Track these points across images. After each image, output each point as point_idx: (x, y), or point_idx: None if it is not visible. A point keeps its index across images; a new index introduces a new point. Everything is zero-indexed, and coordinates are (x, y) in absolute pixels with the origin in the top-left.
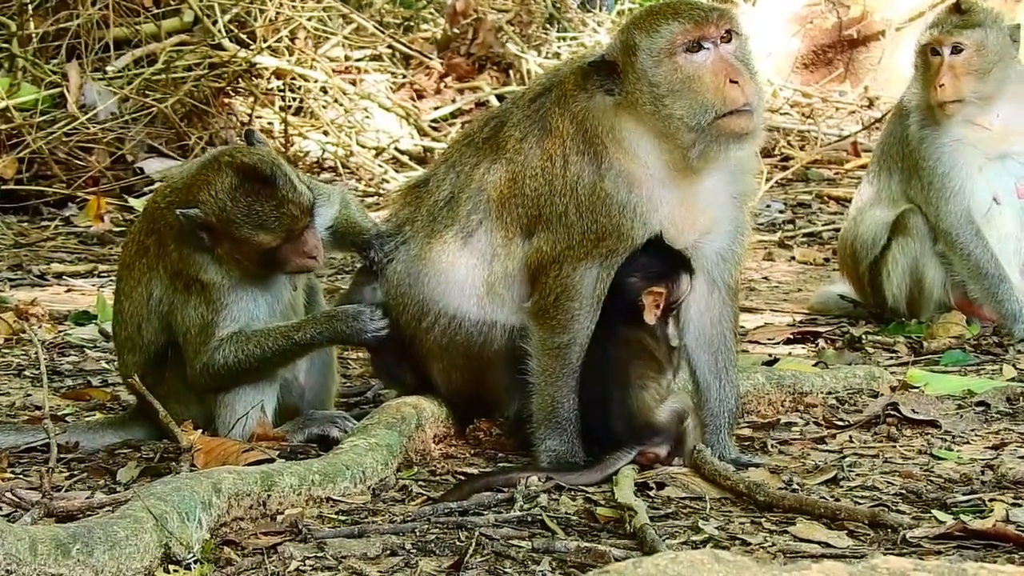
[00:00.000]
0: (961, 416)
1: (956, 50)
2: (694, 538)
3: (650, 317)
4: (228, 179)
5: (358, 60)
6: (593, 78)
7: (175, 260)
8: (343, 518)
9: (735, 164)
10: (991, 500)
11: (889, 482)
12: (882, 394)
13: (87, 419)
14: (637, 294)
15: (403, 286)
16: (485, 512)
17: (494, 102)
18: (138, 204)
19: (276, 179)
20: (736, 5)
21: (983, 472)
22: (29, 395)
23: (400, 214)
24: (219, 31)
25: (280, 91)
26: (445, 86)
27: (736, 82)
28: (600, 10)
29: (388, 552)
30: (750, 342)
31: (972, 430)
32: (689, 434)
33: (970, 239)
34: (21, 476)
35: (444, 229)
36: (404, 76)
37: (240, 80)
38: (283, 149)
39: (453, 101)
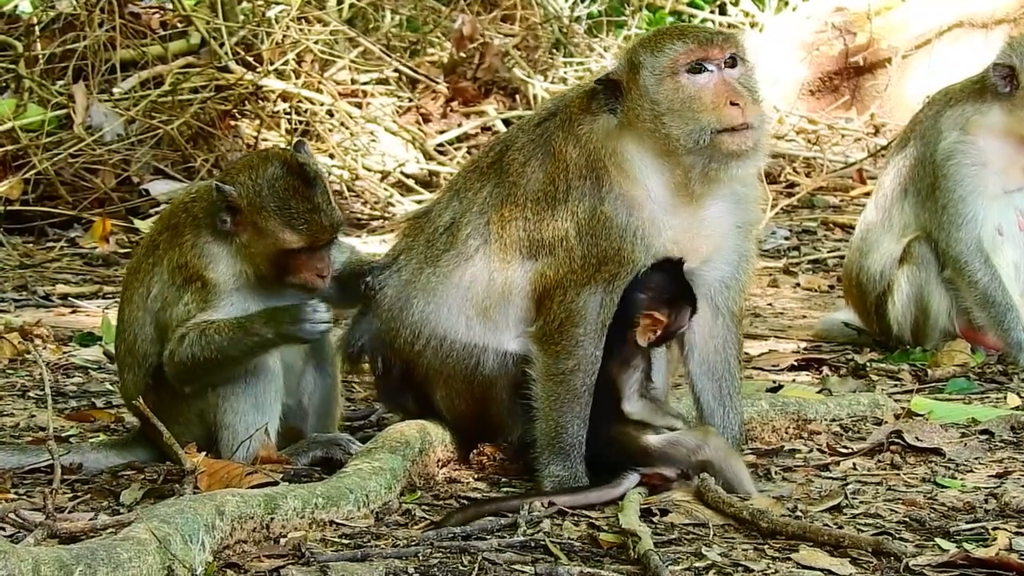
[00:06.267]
0: (965, 444)
1: None
2: (697, 564)
3: (643, 339)
4: (273, 168)
5: (364, 83)
6: (599, 97)
7: (186, 250)
8: (346, 542)
9: (739, 193)
10: (994, 528)
11: (892, 510)
12: (886, 422)
13: (91, 440)
14: (638, 310)
15: (394, 310)
16: (488, 537)
17: (500, 126)
18: (144, 226)
19: (317, 185)
20: (742, 31)
21: (987, 500)
22: (33, 416)
23: (398, 245)
24: (226, 53)
25: (286, 114)
26: (451, 110)
27: (736, 104)
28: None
29: None
30: (754, 369)
31: (976, 458)
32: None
33: (979, 266)
34: (25, 497)
35: (440, 255)
36: (410, 100)
37: (246, 103)
38: None
39: (459, 125)
